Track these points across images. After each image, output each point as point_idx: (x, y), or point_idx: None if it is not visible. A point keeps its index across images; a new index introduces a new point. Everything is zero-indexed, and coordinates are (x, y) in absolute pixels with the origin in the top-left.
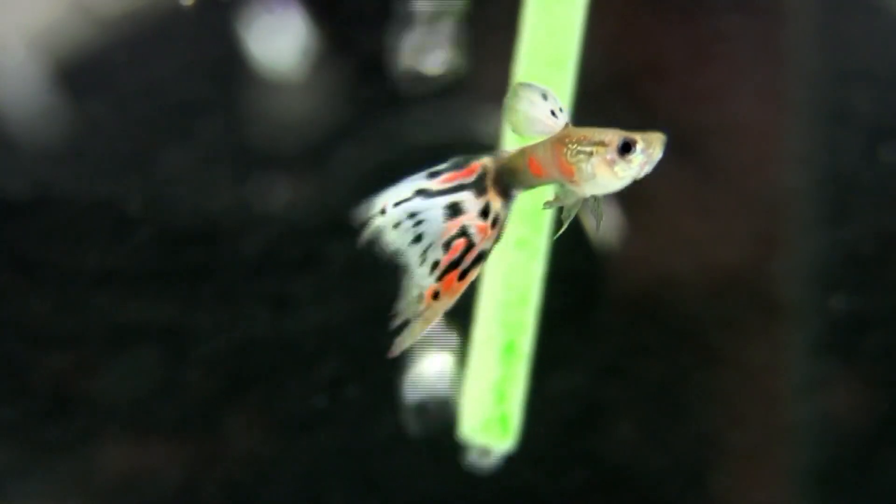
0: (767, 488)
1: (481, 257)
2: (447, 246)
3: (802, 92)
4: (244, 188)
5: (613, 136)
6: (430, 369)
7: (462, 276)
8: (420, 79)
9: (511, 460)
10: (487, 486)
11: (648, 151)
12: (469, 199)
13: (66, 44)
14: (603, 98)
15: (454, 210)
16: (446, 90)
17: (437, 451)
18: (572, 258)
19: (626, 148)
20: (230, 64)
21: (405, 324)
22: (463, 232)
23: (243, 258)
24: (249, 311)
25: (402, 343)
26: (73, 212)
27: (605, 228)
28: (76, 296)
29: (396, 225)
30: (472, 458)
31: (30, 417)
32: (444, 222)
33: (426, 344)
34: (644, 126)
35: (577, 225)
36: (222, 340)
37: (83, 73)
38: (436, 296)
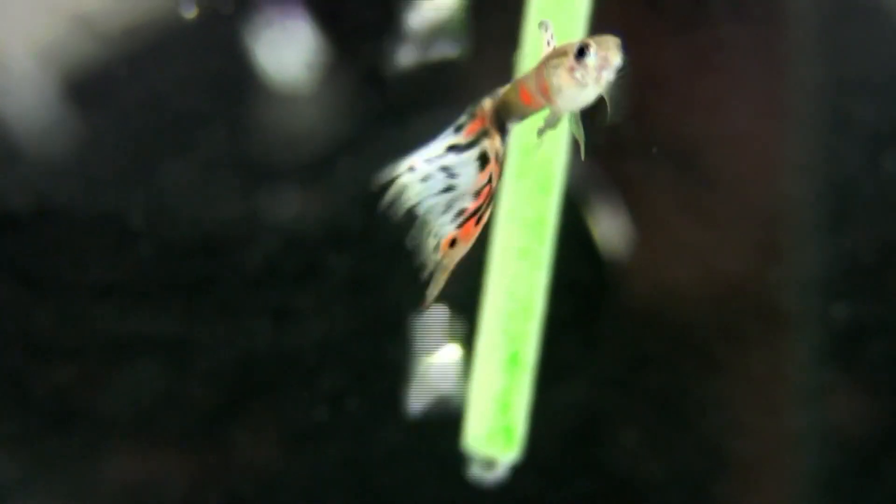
0: (770, 497)
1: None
2: (476, 194)
3: (803, 101)
4: (247, 201)
5: (572, 46)
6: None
7: (477, 221)
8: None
9: (515, 471)
10: (491, 497)
11: (601, 54)
12: (487, 146)
13: (69, 58)
14: None
15: (484, 159)
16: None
17: (440, 463)
18: (576, 269)
19: (581, 53)
20: (232, 76)
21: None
22: (490, 179)
23: (245, 271)
24: (251, 323)
25: (432, 294)
26: (76, 225)
27: (610, 232)
28: (79, 309)
29: (425, 179)
30: (476, 470)
31: (33, 431)
32: (478, 173)
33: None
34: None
35: (581, 235)
36: (224, 353)
37: (86, 86)
38: (452, 244)
